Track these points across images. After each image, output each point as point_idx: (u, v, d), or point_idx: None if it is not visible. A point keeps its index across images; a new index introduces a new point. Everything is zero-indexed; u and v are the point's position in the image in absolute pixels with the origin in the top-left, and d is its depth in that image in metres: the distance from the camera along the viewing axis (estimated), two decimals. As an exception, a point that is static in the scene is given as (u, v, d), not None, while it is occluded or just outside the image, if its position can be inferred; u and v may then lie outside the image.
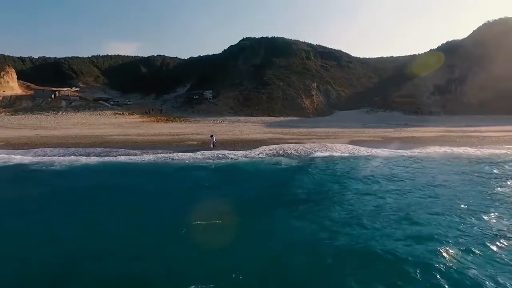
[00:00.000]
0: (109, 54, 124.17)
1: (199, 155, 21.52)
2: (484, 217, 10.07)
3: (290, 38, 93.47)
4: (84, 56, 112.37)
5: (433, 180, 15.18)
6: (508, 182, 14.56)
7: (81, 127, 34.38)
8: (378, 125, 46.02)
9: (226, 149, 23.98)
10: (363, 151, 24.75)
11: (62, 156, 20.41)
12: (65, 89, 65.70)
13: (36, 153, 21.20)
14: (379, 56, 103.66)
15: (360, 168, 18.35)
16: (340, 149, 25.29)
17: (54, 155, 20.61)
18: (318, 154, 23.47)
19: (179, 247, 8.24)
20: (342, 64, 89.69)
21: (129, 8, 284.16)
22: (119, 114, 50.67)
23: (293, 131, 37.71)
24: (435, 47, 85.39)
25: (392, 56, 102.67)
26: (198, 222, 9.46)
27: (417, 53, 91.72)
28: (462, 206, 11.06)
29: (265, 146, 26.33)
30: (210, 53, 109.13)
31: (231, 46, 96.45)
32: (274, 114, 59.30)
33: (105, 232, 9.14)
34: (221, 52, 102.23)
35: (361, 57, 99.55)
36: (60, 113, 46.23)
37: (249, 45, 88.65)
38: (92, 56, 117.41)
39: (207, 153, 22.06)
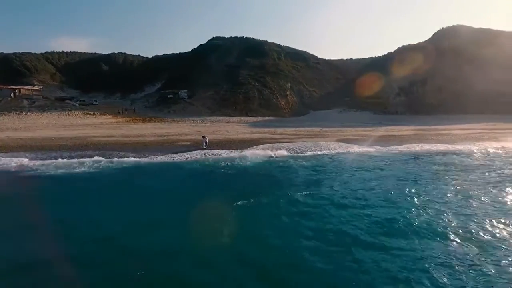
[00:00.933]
0: (62, 50, 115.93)
1: (209, 155, 21.19)
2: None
3: (258, 39, 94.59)
4: (37, 52, 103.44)
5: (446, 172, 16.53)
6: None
7: (57, 128, 31.57)
8: (355, 124, 48.17)
9: (222, 149, 23.65)
10: (356, 148, 25.84)
11: (62, 159, 18.67)
12: (26, 87, 59.84)
13: (29, 156, 19.12)
14: (340, 58, 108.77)
15: (371, 164, 19.21)
16: (335, 147, 26.11)
17: (50, 159, 18.75)
18: (318, 152, 24.03)
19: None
20: (311, 65, 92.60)
21: (77, 2, 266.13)
22: (90, 114, 47.30)
23: (279, 131, 38.12)
24: (393, 49, 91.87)
25: (351, 58, 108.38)
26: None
27: (378, 55, 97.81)
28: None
29: (260, 146, 26.40)
30: (176, 52, 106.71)
31: (201, 45, 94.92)
32: (252, 114, 59.48)
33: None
34: (190, 51, 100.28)
35: (326, 58, 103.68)
36: (24, 113, 41.85)
37: (221, 44, 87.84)
38: (46, 52, 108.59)
39: (215, 153, 21.75)
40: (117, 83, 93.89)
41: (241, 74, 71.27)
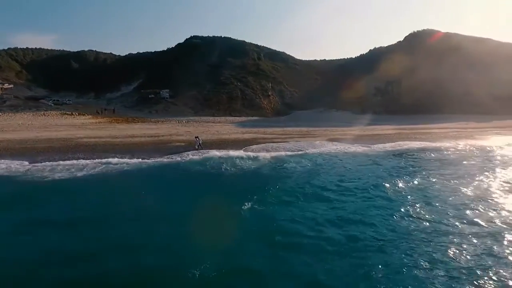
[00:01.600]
0: (27, 46, 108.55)
1: (208, 156, 20.88)
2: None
3: (236, 38, 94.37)
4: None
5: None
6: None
7: (37, 130, 29.57)
8: (339, 124, 49.46)
9: (220, 150, 23.44)
10: (350, 147, 26.62)
11: (56, 161, 17.51)
12: (-5, 85, 55.41)
13: (18, 160, 17.75)
14: (314, 59, 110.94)
15: (370, 160, 19.91)
16: (330, 147, 26.76)
17: (42, 162, 17.55)
18: (313, 150, 24.52)
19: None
20: (290, 66, 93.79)
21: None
22: (68, 114, 44.68)
23: (269, 131, 38.30)
24: (366, 51, 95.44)
25: (324, 59, 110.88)
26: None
27: (350, 57, 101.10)
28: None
29: (254, 146, 26.50)
30: (150, 50, 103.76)
31: (180, 44, 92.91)
32: (235, 114, 59.21)
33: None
34: (166, 50, 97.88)
35: (303, 59, 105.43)
36: (-6, 113, 38.84)
37: (201, 43, 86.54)
38: (9, 48, 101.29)
39: (232, 154, 21.67)
40: (90, 82, 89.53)
41: (223, 73, 70.67)
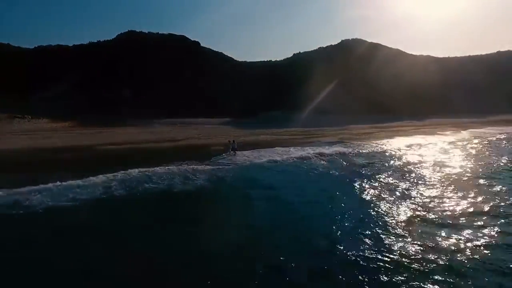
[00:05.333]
0: None
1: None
2: None
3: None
4: None
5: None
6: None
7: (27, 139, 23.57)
8: (325, 124, 50.32)
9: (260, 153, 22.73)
10: (377, 146, 28.36)
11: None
12: None
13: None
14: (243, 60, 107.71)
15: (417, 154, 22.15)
16: (366, 146, 27.50)
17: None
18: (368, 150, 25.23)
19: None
20: (235, 66, 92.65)
21: None
22: (19, 117, 36.01)
23: (273, 132, 38.23)
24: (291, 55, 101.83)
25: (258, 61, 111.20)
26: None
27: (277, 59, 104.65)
28: None
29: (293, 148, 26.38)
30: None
31: (120, 36, 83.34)
32: (208, 116, 56.35)
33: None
34: (103, 41, 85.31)
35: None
36: None
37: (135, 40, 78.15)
38: None
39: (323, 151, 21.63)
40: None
41: (185, 73, 66.69)
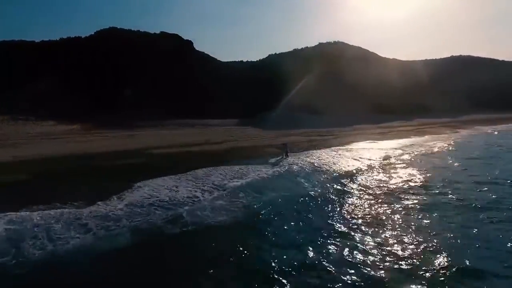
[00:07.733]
0: None
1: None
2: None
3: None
4: None
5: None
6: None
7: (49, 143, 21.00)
8: (337, 124, 50.87)
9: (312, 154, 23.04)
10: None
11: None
12: None
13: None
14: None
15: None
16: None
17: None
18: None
19: None
20: (219, 67, 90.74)
21: None
22: (22, 119, 31.86)
23: (301, 132, 38.22)
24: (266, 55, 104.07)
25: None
26: None
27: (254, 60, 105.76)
28: None
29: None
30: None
31: (101, 33, 77.62)
32: (207, 117, 54.62)
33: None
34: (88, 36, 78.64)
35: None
36: None
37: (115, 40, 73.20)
38: None
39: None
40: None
41: (179, 72, 63.83)
